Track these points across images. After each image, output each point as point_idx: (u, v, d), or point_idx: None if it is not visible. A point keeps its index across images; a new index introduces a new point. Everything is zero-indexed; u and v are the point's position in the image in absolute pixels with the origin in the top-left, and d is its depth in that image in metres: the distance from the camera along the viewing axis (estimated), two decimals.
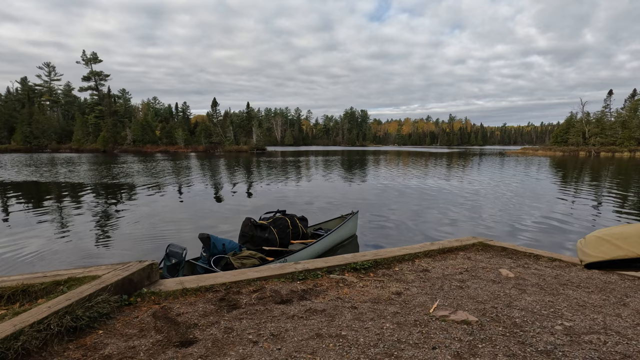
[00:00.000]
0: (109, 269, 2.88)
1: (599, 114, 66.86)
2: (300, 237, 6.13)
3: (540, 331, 2.38)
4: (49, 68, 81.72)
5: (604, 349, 2.18)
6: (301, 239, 6.14)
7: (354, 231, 7.62)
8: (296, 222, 6.15)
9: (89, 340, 2.14)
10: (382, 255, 4.03)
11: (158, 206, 11.47)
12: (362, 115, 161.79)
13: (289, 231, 5.92)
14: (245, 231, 5.69)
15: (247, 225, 5.73)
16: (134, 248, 6.92)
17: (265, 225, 5.77)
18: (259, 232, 5.64)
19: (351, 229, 7.39)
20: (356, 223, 7.68)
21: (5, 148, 63.72)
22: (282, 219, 6.00)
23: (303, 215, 6.53)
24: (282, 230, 5.84)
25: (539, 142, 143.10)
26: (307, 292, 3.01)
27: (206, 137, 73.52)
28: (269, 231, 5.70)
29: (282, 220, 5.99)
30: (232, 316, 2.53)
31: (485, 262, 4.04)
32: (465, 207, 11.21)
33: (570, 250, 6.81)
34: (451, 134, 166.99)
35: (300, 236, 6.14)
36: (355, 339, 2.23)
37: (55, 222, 8.99)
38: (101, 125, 68.42)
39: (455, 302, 2.88)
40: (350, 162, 37.82)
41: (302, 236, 6.17)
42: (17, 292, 2.50)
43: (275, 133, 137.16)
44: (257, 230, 5.65)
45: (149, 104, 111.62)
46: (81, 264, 5.95)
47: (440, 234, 8.04)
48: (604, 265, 0.84)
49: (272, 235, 5.67)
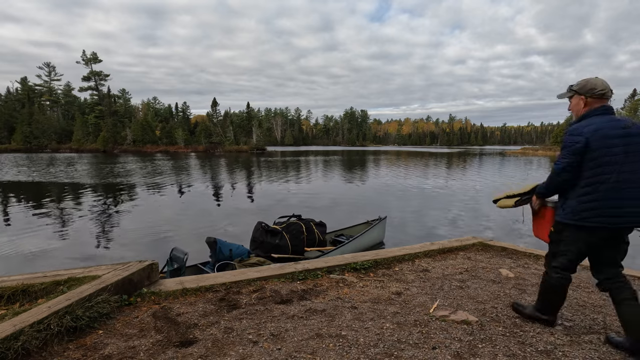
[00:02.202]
0: (109, 269, 2.88)
1: None
2: (316, 244, 5.65)
3: (540, 331, 2.38)
4: (49, 68, 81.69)
5: (604, 349, 2.18)
6: (318, 246, 5.67)
7: (381, 238, 7.04)
8: (312, 227, 5.71)
9: (89, 340, 2.14)
10: (382, 255, 4.03)
11: (158, 206, 11.47)
12: (362, 115, 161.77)
13: (303, 237, 5.50)
14: (255, 236, 5.41)
15: (257, 229, 5.45)
16: (134, 248, 6.92)
17: (277, 230, 5.43)
18: (269, 237, 5.33)
19: (377, 236, 6.80)
20: (384, 229, 7.10)
21: (5, 148, 63.66)
22: (296, 224, 5.61)
23: (321, 221, 6.06)
24: (295, 236, 5.45)
25: (539, 142, 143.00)
26: (307, 292, 3.01)
27: (206, 137, 73.49)
28: (281, 237, 5.35)
29: (296, 225, 5.60)
30: (232, 316, 2.53)
31: (485, 262, 4.04)
32: (465, 207, 11.21)
33: None
34: (451, 134, 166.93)
35: (317, 243, 5.67)
36: (355, 339, 2.23)
37: (55, 222, 8.99)
38: (101, 125, 68.37)
39: (455, 302, 2.88)
40: (350, 162, 37.83)
41: (319, 243, 5.70)
42: (17, 292, 2.50)
43: (275, 133, 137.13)
44: (268, 236, 5.34)
45: (149, 104, 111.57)
46: (81, 264, 5.95)
47: (440, 234, 8.04)
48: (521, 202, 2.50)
49: (283, 241, 5.32)
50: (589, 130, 2.05)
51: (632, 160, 2.01)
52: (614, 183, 2.01)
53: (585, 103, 2.17)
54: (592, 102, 2.15)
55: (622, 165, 2.01)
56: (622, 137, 2.02)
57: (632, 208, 2.02)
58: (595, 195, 2.06)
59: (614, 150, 2.01)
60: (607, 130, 2.03)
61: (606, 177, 2.03)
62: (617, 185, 2.01)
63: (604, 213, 2.05)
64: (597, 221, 2.06)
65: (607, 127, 2.04)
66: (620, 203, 2.03)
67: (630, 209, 2.02)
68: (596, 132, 2.04)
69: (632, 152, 2.01)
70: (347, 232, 6.70)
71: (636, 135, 2.03)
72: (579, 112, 2.20)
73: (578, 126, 2.12)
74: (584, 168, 2.08)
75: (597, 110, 2.12)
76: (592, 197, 2.07)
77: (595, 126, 2.06)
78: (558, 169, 2.15)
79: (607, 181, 2.02)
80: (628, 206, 2.02)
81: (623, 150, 2.01)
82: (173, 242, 6.99)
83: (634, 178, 2.01)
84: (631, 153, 2.01)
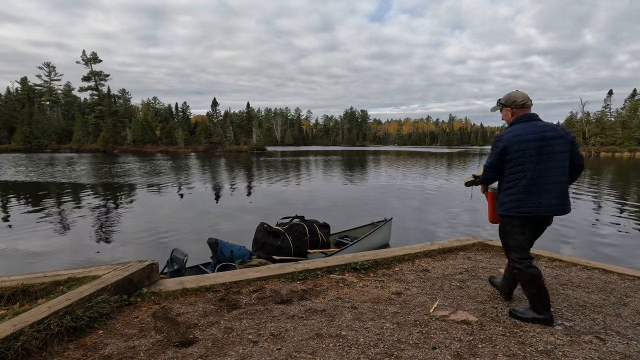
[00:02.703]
0: (109, 269, 2.88)
1: (599, 114, 66.84)
2: (319, 245, 5.60)
3: (540, 331, 2.38)
4: (49, 68, 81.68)
5: (604, 349, 2.18)
6: (321, 247, 5.61)
7: (386, 240, 6.92)
8: (315, 229, 5.64)
9: (89, 340, 2.14)
10: (382, 255, 4.03)
11: (158, 206, 11.47)
12: (362, 115, 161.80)
13: (306, 239, 5.43)
14: (257, 237, 5.35)
15: (260, 231, 5.38)
16: (134, 248, 6.92)
17: (279, 231, 5.35)
18: (271, 239, 5.26)
19: (383, 238, 6.67)
20: (389, 231, 7.03)
21: (5, 148, 63.65)
22: (299, 225, 5.54)
23: (325, 222, 6.03)
24: (298, 238, 5.39)
25: None
26: (307, 292, 3.01)
27: (206, 137, 73.46)
28: (283, 238, 5.28)
29: (299, 226, 5.52)
30: (232, 316, 2.53)
31: (485, 262, 4.04)
32: (465, 207, 11.21)
33: (570, 250, 6.82)
34: (451, 134, 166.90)
35: (320, 245, 5.61)
36: (355, 339, 2.23)
37: (55, 222, 9.00)
38: (101, 125, 68.37)
39: (455, 302, 2.88)
40: (350, 162, 37.83)
41: (322, 245, 5.64)
42: (17, 292, 2.50)
43: (275, 133, 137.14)
44: (270, 237, 5.27)
45: (149, 104, 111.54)
46: (81, 264, 5.95)
47: (441, 234, 8.04)
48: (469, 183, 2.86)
49: (285, 243, 5.26)
50: (507, 137, 2.43)
51: (546, 160, 2.36)
52: (530, 179, 2.36)
53: (512, 113, 2.55)
54: (517, 112, 2.53)
55: (537, 164, 2.36)
56: (537, 140, 2.37)
57: (547, 200, 2.37)
58: (516, 189, 2.43)
59: (529, 152, 2.37)
60: (525, 135, 2.39)
61: (524, 174, 2.38)
62: (533, 182, 2.36)
63: (524, 205, 2.41)
64: (520, 211, 2.42)
65: (525, 133, 2.40)
66: (536, 197, 2.38)
67: (545, 200, 2.37)
68: (514, 138, 2.41)
69: (545, 153, 2.36)
70: (352, 234, 6.60)
71: (550, 139, 2.37)
72: (509, 121, 2.59)
73: (503, 133, 2.53)
74: (506, 167, 2.47)
75: (522, 117, 2.50)
76: (514, 191, 2.44)
77: (515, 132, 2.43)
78: (485, 167, 2.64)
79: (525, 178, 2.38)
80: (543, 198, 2.38)
81: (537, 152, 2.36)
82: (173, 242, 6.99)
83: (546, 175, 2.36)
84: (545, 154, 2.36)
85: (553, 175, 2.37)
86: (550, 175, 2.36)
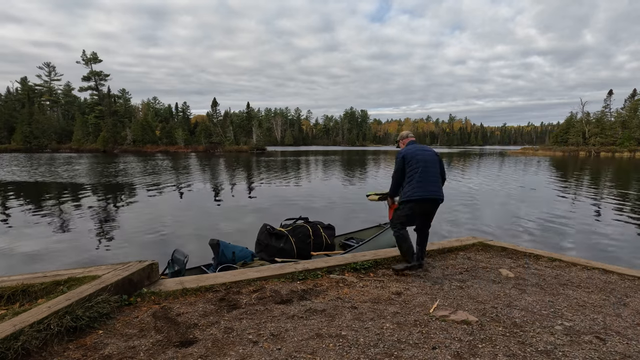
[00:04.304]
0: (109, 269, 2.88)
1: (599, 114, 66.81)
2: (323, 247, 5.51)
3: (540, 331, 2.38)
4: (49, 68, 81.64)
5: (604, 349, 2.18)
6: (325, 249, 5.51)
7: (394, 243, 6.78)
8: (319, 230, 5.55)
9: (89, 340, 2.14)
10: (382, 255, 4.04)
11: (158, 206, 11.47)
12: (362, 115, 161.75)
13: (309, 241, 5.33)
14: (260, 239, 5.28)
15: (262, 232, 5.31)
16: (134, 248, 6.91)
17: (282, 233, 5.27)
18: (273, 241, 5.18)
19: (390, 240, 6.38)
20: None
21: (5, 148, 63.63)
22: (303, 227, 5.44)
23: (330, 224, 5.93)
24: (301, 239, 5.29)
25: (539, 142, 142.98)
26: (307, 292, 3.01)
27: (206, 137, 73.45)
28: (285, 240, 5.20)
29: (303, 228, 5.42)
30: (232, 316, 2.53)
31: (485, 262, 4.05)
32: (465, 207, 11.21)
33: (570, 250, 6.82)
34: (451, 134, 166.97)
35: (324, 247, 5.52)
36: (355, 339, 2.23)
37: (55, 222, 8.99)
38: (101, 125, 68.34)
39: (455, 302, 2.89)
40: (350, 162, 37.83)
41: (326, 247, 5.55)
42: (17, 292, 2.50)
43: (275, 133, 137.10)
44: (272, 239, 5.19)
45: (149, 104, 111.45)
46: (81, 264, 5.95)
47: (440, 234, 8.04)
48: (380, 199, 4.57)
49: (288, 245, 5.17)
50: (405, 151, 3.82)
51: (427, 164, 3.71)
52: (420, 175, 3.65)
53: (404, 143, 4.08)
54: (406, 141, 4.07)
55: (424, 167, 3.68)
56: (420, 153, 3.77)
57: (431, 187, 3.66)
58: (413, 183, 3.67)
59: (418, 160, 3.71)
60: (413, 151, 3.79)
61: (416, 173, 3.67)
62: (422, 177, 3.65)
63: (418, 191, 3.63)
64: (416, 195, 3.62)
65: (413, 150, 3.81)
66: (425, 185, 3.63)
67: (430, 188, 3.65)
68: (408, 152, 3.79)
69: (428, 160, 3.74)
70: (358, 236, 6.47)
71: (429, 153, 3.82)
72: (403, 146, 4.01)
73: (401, 150, 3.89)
74: (406, 171, 3.74)
75: (409, 143, 4.01)
76: (412, 184, 3.67)
77: (408, 149, 3.84)
78: (394, 172, 3.85)
79: (417, 174, 3.66)
80: (429, 187, 3.65)
81: (422, 159, 3.72)
82: (173, 243, 6.99)
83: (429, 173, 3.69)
84: (429, 161, 3.74)
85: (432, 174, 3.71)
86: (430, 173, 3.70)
